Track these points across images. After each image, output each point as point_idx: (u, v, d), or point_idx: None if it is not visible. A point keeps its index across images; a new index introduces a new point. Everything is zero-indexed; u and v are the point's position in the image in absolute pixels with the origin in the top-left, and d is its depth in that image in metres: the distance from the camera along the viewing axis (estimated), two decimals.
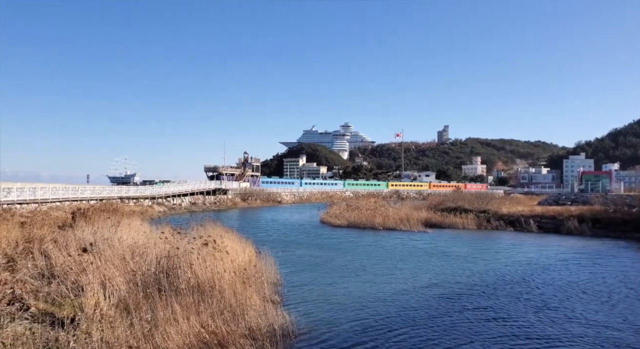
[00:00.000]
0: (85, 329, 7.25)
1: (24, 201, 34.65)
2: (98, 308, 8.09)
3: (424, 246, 25.38)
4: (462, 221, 36.08)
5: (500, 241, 28.46)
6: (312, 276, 16.37)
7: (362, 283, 15.42)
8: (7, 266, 10.55)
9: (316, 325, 10.25)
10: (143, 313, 8.17)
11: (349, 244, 25.90)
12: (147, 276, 10.47)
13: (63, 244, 12.15)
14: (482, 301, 13.05)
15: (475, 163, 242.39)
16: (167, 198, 61.43)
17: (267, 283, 12.74)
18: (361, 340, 9.46)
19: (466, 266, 19.05)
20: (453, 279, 16.13)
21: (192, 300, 9.01)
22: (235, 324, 8.32)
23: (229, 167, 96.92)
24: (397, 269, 17.92)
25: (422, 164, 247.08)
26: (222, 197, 74.67)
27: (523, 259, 20.94)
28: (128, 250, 11.94)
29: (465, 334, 10.02)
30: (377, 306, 12.20)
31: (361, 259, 20.48)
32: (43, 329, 7.24)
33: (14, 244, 12.89)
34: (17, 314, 7.76)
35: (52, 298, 8.70)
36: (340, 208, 45.83)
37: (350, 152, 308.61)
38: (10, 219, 18.08)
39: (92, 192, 47.27)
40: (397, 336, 9.80)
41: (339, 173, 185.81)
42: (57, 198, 39.24)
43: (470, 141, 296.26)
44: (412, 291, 14.23)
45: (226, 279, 11.02)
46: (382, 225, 34.54)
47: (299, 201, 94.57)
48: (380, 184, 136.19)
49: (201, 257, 11.73)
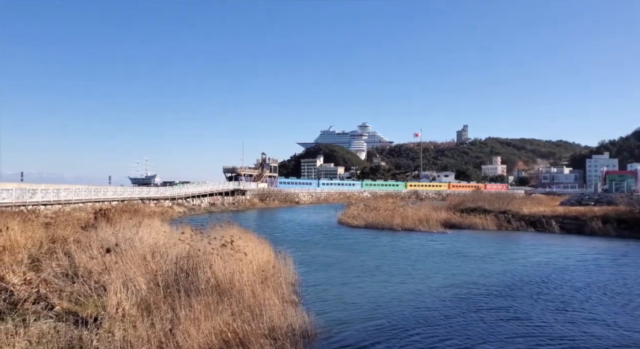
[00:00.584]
0: (108, 328, 7.38)
1: (48, 202, 35.44)
2: (120, 307, 8.23)
3: (442, 246, 25.16)
4: (482, 221, 35.64)
5: (520, 242, 28.04)
6: (330, 276, 16.38)
7: (379, 282, 15.38)
8: (32, 266, 10.80)
9: (334, 325, 10.24)
10: (164, 312, 8.28)
11: (367, 245, 25.82)
12: (168, 276, 10.60)
13: (86, 245, 12.37)
14: (500, 302, 12.90)
15: (495, 163, 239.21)
16: (186, 199, 62.15)
17: (286, 283, 12.78)
18: (379, 340, 9.42)
19: (485, 266, 18.83)
20: (471, 280, 15.96)
21: (212, 300, 9.09)
22: (255, 324, 8.36)
23: (247, 168, 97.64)
24: (415, 270, 17.80)
25: (441, 164, 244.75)
26: (240, 198, 75.24)
27: (543, 260, 20.59)
28: (149, 250, 12.10)
29: (481, 334, 9.93)
30: (394, 306, 12.14)
31: (379, 259, 20.41)
32: (67, 327, 7.39)
33: (39, 244, 13.19)
34: (42, 313, 7.94)
35: (75, 297, 8.87)
36: (358, 209, 45.73)
37: (368, 153, 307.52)
38: (35, 219, 18.51)
39: (113, 193, 48.10)
40: (413, 336, 9.75)
41: (356, 174, 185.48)
42: (80, 199, 40.03)
43: (490, 141, 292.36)
44: (429, 291, 14.12)
45: (245, 279, 11.09)
46: (400, 226, 34.33)
47: (316, 202, 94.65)
48: (398, 185, 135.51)
49: (220, 257, 11.83)
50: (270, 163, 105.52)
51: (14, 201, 31.24)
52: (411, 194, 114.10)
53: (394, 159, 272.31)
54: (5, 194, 31.57)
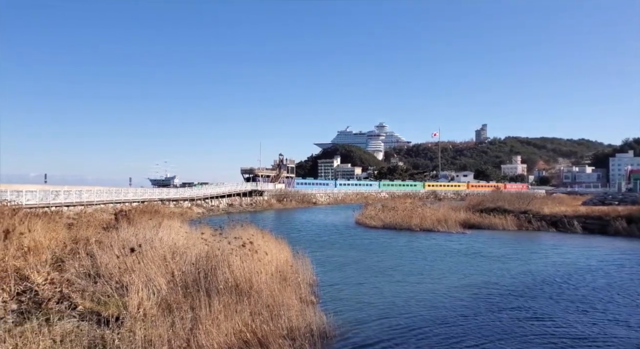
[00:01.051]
0: (129, 327, 7.48)
1: (71, 203, 36.16)
2: (141, 307, 8.33)
3: (461, 247, 24.90)
4: (501, 221, 35.18)
5: (541, 242, 27.59)
6: (348, 276, 16.35)
7: (397, 282, 15.32)
8: (56, 266, 11.02)
9: (353, 325, 10.22)
10: (184, 312, 8.36)
11: (384, 245, 25.71)
12: (187, 276, 10.71)
13: (107, 245, 12.58)
14: (519, 302, 12.76)
15: (515, 162, 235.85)
16: (205, 200, 62.75)
17: (304, 283, 12.80)
18: (397, 340, 9.38)
19: (504, 266, 18.61)
20: (489, 280, 15.78)
21: (231, 300, 9.14)
22: (274, 324, 8.39)
23: (264, 169, 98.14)
24: (434, 270, 17.66)
25: (459, 164, 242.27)
26: (258, 199, 75.66)
27: (564, 260, 20.25)
28: (169, 251, 12.23)
29: (499, 334, 9.87)
30: (412, 306, 12.06)
31: (396, 259, 20.30)
32: (90, 327, 7.51)
33: (62, 245, 13.45)
34: (65, 312, 8.09)
35: (97, 297, 9.01)
36: (375, 209, 45.56)
37: (385, 153, 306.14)
38: (58, 220, 18.87)
39: (134, 194, 48.84)
40: (431, 337, 9.68)
41: (373, 174, 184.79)
42: (101, 200, 40.75)
43: (509, 140, 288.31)
44: (447, 291, 13.99)
45: (263, 279, 11.14)
46: (419, 226, 34.08)
47: (333, 202, 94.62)
48: (416, 185, 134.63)
49: (239, 257, 11.90)
50: (288, 164, 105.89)
51: (38, 202, 31.96)
52: (429, 195, 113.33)
53: (412, 159, 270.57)
54: (29, 195, 32.31)
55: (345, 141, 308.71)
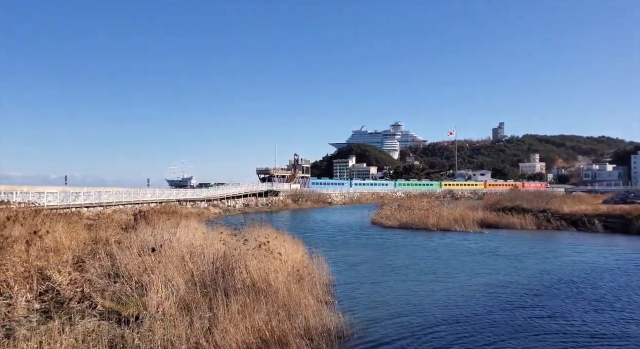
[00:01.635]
0: (149, 327, 7.57)
1: (91, 204, 36.78)
2: (160, 307, 8.44)
3: (479, 246, 24.64)
4: (520, 221, 34.73)
5: (561, 242, 27.16)
6: (364, 276, 16.32)
7: (414, 282, 15.24)
8: (77, 266, 11.21)
9: (370, 325, 10.20)
10: (203, 311, 8.44)
11: (401, 245, 25.58)
12: (205, 276, 10.80)
13: (127, 246, 12.75)
14: (536, 301, 12.66)
15: (533, 161, 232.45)
16: (222, 200, 63.26)
17: (320, 283, 12.80)
18: (414, 340, 9.34)
19: (521, 266, 18.42)
20: (507, 279, 15.62)
21: (249, 300, 9.19)
22: (292, 323, 8.41)
23: (280, 169, 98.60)
24: (451, 270, 17.52)
25: (477, 163, 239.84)
26: (274, 199, 76.00)
27: (584, 260, 19.94)
28: (187, 251, 12.35)
29: (515, 332, 9.85)
30: (430, 306, 11.99)
31: (413, 259, 20.18)
32: (110, 326, 7.63)
33: (83, 245, 13.69)
34: (86, 311, 8.23)
35: (117, 297, 9.15)
36: (391, 209, 45.36)
37: (401, 152, 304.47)
38: (78, 221, 19.22)
39: (152, 195, 49.49)
40: (448, 336, 9.62)
41: (389, 174, 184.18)
42: (120, 201, 41.37)
43: (527, 138, 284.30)
44: (464, 290, 13.88)
45: (280, 279, 11.17)
46: (436, 226, 33.84)
47: (349, 202, 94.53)
48: (433, 184, 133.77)
49: (256, 257, 11.96)
50: (303, 164, 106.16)
51: (59, 203, 32.59)
52: (446, 194, 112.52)
53: (428, 158, 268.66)
54: (51, 197, 32.98)
55: (360, 140, 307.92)
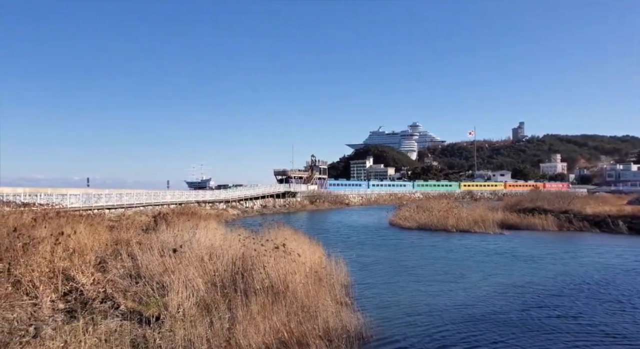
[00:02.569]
0: (170, 327, 7.67)
1: (112, 206, 37.39)
2: (181, 307, 8.53)
3: (499, 247, 24.31)
4: (541, 222, 34.15)
5: (583, 243, 26.61)
6: (382, 278, 16.25)
7: (432, 283, 15.12)
8: (99, 267, 11.41)
9: (389, 327, 10.15)
10: (222, 312, 8.51)
11: (419, 246, 25.39)
12: (224, 277, 10.88)
13: (147, 247, 12.93)
14: (555, 301, 12.56)
15: (554, 161, 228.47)
16: (240, 201, 63.68)
17: (338, 284, 12.79)
18: (433, 342, 9.27)
19: (543, 267, 18.14)
20: (528, 281, 15.39)
21: (267, 300, 9.24)
22: (310, 324, 8.42)
23: (297, 170, 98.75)
24: (471, 271, 17.31)
25: (496, 163, 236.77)
26: (291, 200, 76.20)
27: (607, 261, 19.53)
28: (206, 252, 12.47)
29: (533, 332, 9.79)
30: (449, 307, 11.88)
31: (432, 260, 20.01)
32: (132, 326, 7.75)
33: (104, 246, 13.91)
34: (109, 311, 8.37)
35: (139, 297, 9.29)
36: (409, 210, 45.03)
37: (419, 153, 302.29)
38: (100, 223, 19.53)
39: (172, 197, 50.09)
40: (468, 337, 9.54)
41: (407, 174, 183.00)
42: (140, 203, 41.97)
43: (548, 138, 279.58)
44: (484, 292, 13.71)
45: (298, 280, 11.19)
46: (455, 227, 33.49)
47: (366, 203, 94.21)
48: (451, 185, 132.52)
49: (274, 258, 12.00)
50: (320, 165, 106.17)
51: (82, 205, 33.21)
52: (465, 195, 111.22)
53: (447, 158, 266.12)
54: (73, 198, 33.64)
55: (377, 141, 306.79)
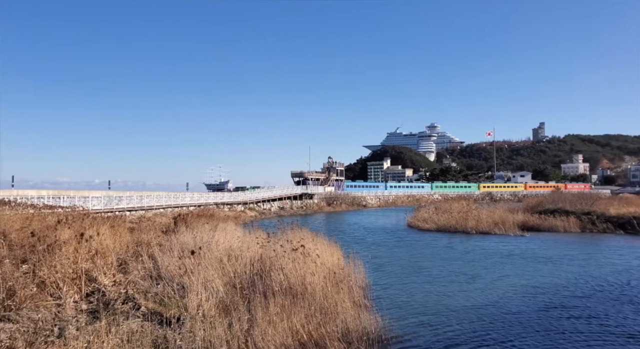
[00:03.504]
0: (190, 328, 7.73)
1: (133, 208, 37.95)
2: (200, 308, 8.60)
3: (519, 249, 23.94)
4: (563, 223, 33.55)
5: (606, 245, 26.05)
6: (401, 280, 16.15)
7: (451, 285, 14.98)
8: (120, 268, 11.59)
9: (408, 329, 10.07)
10: (241, 313, 8.55)
11: (438, 248, 25.17)
12: (243, 278, 10.94)
13: (167, 248, 13.08)
14: (577, 303, 12.39)
15: (576, 161, 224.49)
16: (257, 203, 64.00)
17: (357, 286, 12.75)
18: (452, 344, 9.18)
19: (565, 269, 17.85)
20: (549, 283, 15.17)
21: (286, 302, 9.25)
22: (329, 326, 8.41)
23: (314, 172, 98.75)
24: (490, 273, 17.10)
25: (516, 164, 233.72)
26: (308, 202, 76.27)
27: (632, 263, 19.08)
28: (225, 253, 12.56)
29: (558, 335, 9.62)
30: (468, 309, 11.76)
31: (451, 262, 19.81)
32: (153, 327, 7.83)
33: (126, 248, 14.14)
34: (130, 312, 8.48)
35: (159, 298, 9.39)
36: (428, 212, 44.66)
37: (438, 154, 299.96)
38: (121, 225, 19.84)
39: (191, 199, 50.61)
40: (487, 340, 9.42)
41: (425, 175, 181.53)
42: (160, 205, 42.51)
43: (569, 138, 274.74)
44: (503, 294, 13.53)
45: (317, 282, 11.18)
46: (474, 229, 33.11)
47: (384, 205, 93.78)
48: (470, 186, 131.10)
49: (292, 260, 12.02)
50: (337, 167, 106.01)
51: (103, 207, 33.79)
52: (485, 196, 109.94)
53: (465, 159, 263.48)
54: (95, 201, 34.26)
55: (395, 142, 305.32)
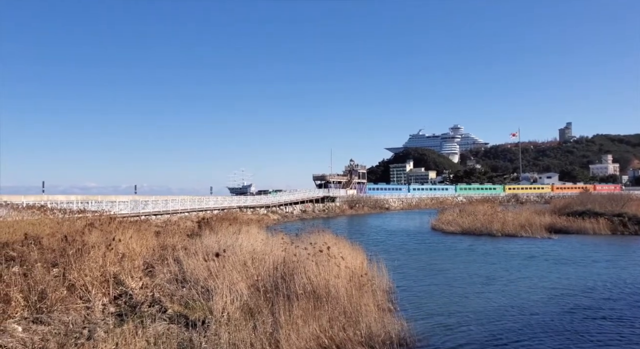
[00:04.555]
0: (215, 331, 7.81)
1: (158, 212, 38.61)
2: (225, 311, 8.68)
3: (547, 252, 23.42)
4: (592, 225, 32.66)
5: (637, 246, 25.24)
6: (425, 283, 15.96)
7: (477, 289, 14.74)
8: (147, 271, 11.80)
9: (433, 334, 9.95)
10: (265, 316, 8.59)
11: (463, 251, 24.82)
12: (266, 281, 11.00)
13: (192, 252, 13.26)
14: (605, 306, 12.03)
15: (605, 162, 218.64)
16: (280, 206, 64.31)
17: (380, 289, 12.68)
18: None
19: (596, 272, 17.36)
20: (579, 286, 14.77)
21: (309, 305, 9.25)
22: (353, 330, 8.38)
23: (335, 175, 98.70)
24: (517, 276, 16.76)
25: (542, 165, 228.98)
26: (330, 205, 76.24)
27: None
28: (248, 256, 12.66)
29: (587, 340, 9.40)
30: (494, 314, 11.54)
31: (477, 265, 19.50)
32: (179, 329, 7.95)
33: (152, 251, 14.39)
34: (157, 315, 8.62)
35: (185, 301, 9.52)
36: (452, 214, 44.11)
37: (461, 155, 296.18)
38: (147, 228, 20.21)
39: (214, 202, 51.19)
40: (513, 345, 9.22)
41: (449, 177, 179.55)
42: (185, 209, 43.11)
43: (598, 138, 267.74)
44: (531, 298, 13.24)
45: (340, 285, 11.16)
46: (500, 231, 32.52)
47: (407, 208, 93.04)
48: (495, 188, 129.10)
49: (315, 263, 12.03)
50: (359, 169, 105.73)
51: (130, 211, 34.46)
52: (510, 198, 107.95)
53: (490, 161, 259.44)
54: (122, 205, 34.99)
55: (417, 144, 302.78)
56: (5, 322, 7.43)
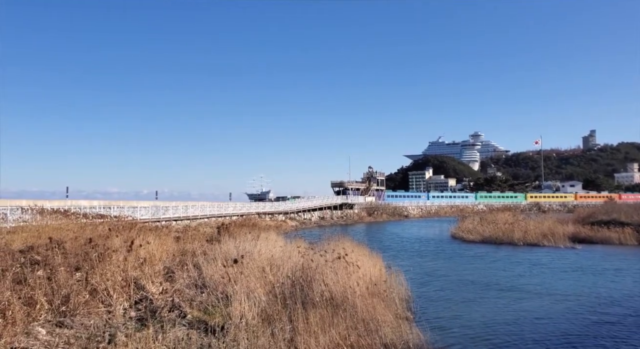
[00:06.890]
0: (233, 336, 7.84)
1: (178, 218, 39.08)
2: (244, 317, 8.71)
3: (570, 262, 22.91)
4: (618, 235, 31.84)
5: None
6: (445, 292, 15.78)
7: (497, 299, 14.50)
8: (167, 276, 11.93)
9: (451, 344, 9.82)
10: (283, 323, 8.60)
11: (484, 260, 24.45)
12: (284, 288, 11.01)
13: (212, 257, 13.36)
14: (627, 315, 11.57)
15: (630, 170, 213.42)
16: (298, 213, 64.43)
17: (399, 298, 12.57)
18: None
19: (622, 283, 16.92)
20: (604, 298, 14.44)
21: (327, 312, 9.22)
22: (370, 339, 8.31)
23: (354, 182, 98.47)
24: (539, 286, 16.43)
25: (565, 173, 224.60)
26: (348, 212, 76.05)
27: None
28: (267, 262, 12.69)
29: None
30: (514, 324, 11.34)
31: (498, 275, 19.18)
32: (198, 335, 8.00)
33: (172, 256, 14.55)
34: (176, 320, 8.70)
35: (204, 306, 9.59)
36: (473, 222, 43.54)
37: (482, 163, 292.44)
38: (168, 234, 20.46)
39: (233, 208, 51.60)
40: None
41: (469, 185, 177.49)
42: (204, 215, 43.54)
43: (623, 146, 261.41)
44: (553, 308, 12.99)
45: (358, 293, 11.10)
46: (521, 240, 31.97)
47: (426, 215, 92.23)
48: (517, 196, 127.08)
49: (333, 270, 12.00)
50: (377, 176, 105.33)
51: (151, 217, 34.98)
52: (532, 206, 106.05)
53: (511, 169, 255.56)
54: (143, 211, 35.55)
55: (437, 151, 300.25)
56: (30, 325, 7.60)
